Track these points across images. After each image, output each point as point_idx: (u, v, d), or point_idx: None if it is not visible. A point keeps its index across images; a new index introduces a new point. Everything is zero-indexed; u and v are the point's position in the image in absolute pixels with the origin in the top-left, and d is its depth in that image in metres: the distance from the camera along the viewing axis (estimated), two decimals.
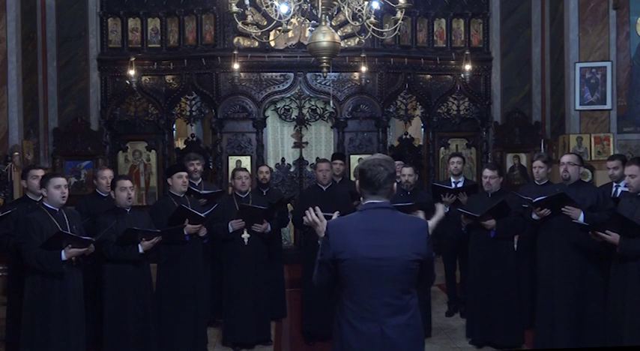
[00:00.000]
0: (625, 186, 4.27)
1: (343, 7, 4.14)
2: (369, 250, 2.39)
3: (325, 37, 3.98)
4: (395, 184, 2.52)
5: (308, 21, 5.04)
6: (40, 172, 4.45)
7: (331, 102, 7.84)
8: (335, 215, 2.69)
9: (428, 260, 2.48)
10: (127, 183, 4.32)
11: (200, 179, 5.69)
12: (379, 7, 4.54)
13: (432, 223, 2.67)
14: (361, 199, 2.55)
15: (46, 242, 3.72)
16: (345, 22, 7.36)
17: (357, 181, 2.56)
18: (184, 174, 4.84)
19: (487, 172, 4.95)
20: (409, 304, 2.46)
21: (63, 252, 3.74)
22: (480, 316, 4.94)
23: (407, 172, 5.39)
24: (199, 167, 5.66)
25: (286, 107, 7.99)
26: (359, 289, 2.42)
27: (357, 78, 7.85)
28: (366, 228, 2.42)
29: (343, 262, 2.42)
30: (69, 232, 3.82)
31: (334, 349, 2.57)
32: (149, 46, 7.98)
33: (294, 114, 8.00)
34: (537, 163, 4.97)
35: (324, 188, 5.26)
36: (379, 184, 2.45)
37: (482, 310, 4.91)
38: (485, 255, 4.86)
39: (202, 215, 4.66)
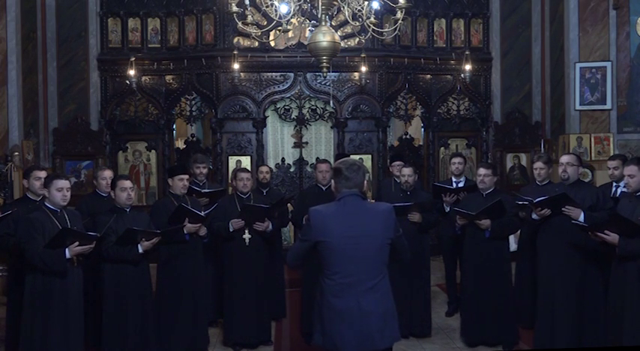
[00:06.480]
0: (624, 186, 4.27)
1: (343, 7, 4.14)
2: (348, 229, 2.79)
3: (325, 37, 3.98)
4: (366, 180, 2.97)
5: (308, 21, 5.05)
6: (42, 174, 4.45)
7: (331, 102, 7.84)
8: None
9: (398, 238, 2.93)
10: (128, 183, 4.31)
11: (205, 181, 5.70)
12: (379, 7, 4.53)
13: None
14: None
15: (52, 240, 3.72)
16: (345, 22, 7.36)
17: (333, 179, 2.95)
18: (186, 177, 4.83)
19: (482, 171, 4.96)
20: (380, 283, 2.83)
21: (67, 250, 3.75)
22: (474, 316, 4.93)
23: (407, 172, 5.37)
24: (205, 170, 5.68)
25: (286, 107, 7.99)
26: (337, 267, 2.81)
27: (357, 78, 7.85)
28: (344, 212, 2.84)
29: (324, 243, 2.80)
30: (74, 228, 3.84)
31: (315, 332, 2.91)
32: (149, 46, 7.99)
33: (294, 114, 8.00)
34: (538, 164, 4.96)
35: (324, 189, 5.26)
36: (357, 182, 2.89)
37: (476, 309, 4.90)
38: (479, 255, 4.85)
39: (202, 214, 4.66)
